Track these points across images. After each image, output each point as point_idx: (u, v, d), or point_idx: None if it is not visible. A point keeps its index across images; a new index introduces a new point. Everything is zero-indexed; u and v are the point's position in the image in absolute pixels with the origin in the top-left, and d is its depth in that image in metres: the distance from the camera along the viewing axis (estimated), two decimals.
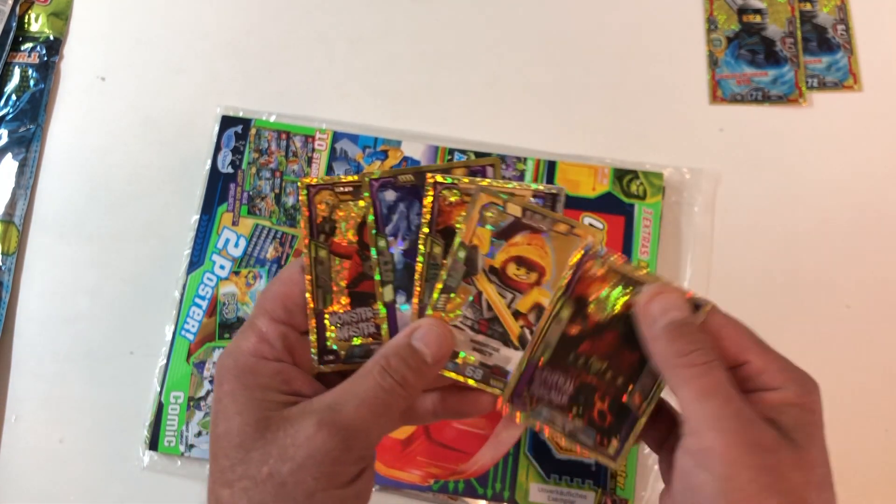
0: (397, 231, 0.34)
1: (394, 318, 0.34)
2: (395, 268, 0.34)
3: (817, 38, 0.58)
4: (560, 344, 0.33)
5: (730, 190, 0.55)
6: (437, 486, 0.49)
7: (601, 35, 0.59)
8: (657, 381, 0.33)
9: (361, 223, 0.35)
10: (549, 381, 0.33)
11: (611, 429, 0.33)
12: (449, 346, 0.33)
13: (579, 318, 0.33)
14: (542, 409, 0.33)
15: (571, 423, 0.33)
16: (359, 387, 0.31)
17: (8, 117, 0.59)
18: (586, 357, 0.33)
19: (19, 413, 0.53)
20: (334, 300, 0.34)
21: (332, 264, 0.34)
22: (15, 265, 0.56)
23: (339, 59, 0.60)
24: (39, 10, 0.61)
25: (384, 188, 0.34)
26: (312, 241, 0.34)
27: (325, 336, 0.34)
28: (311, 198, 0.35)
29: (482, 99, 0.58)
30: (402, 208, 0.34)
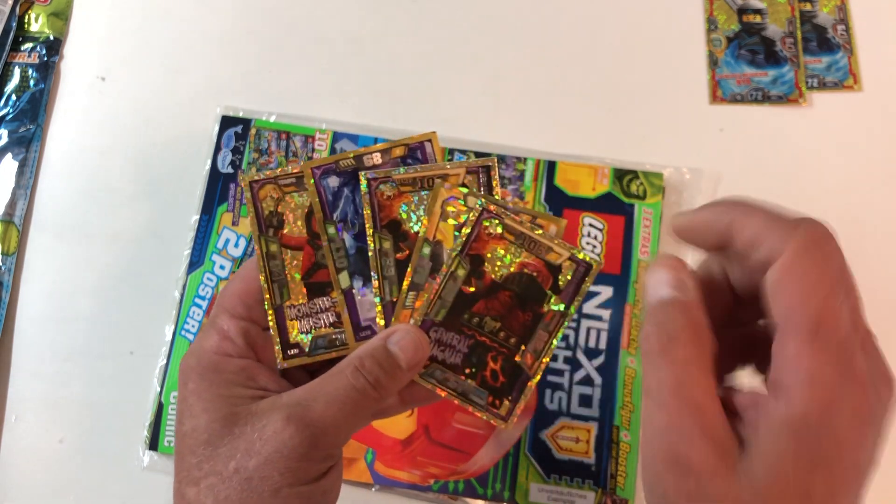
0: (345, 216, 0.34)
1: (353, 304, 0.34)
2: (347, 253, 0.34)
3: (817, 38, 0.58)
4: (455, 303, 0.33)
5: (730, 190, 0.55)
6: (437, 486, 0.49)
7: (601, 35, 0.59)
8: (548, 340, 0.33)
9: (308, 213, 0.34)
10: (444, 340, 0.33)
11: (502, 389, 0.33)
12: (424, 353, 0.32)
13: (475, 277, 0.33)
14: (435, 370, 0.33)
15: (464, 384, 0.33)
16: (330, 385, 0.30)
17: (8, 117, 0.59)
18: (480, 317, 0.33)
19: (19, 413, 0.53)
20: (291, 293, 0.34)
21: (284, 257, 0.34)
22: (15, 265, 0.56)
23: (339, 59, 0.60)
24: (39, 10, 0.61)
25: (326, 175, 0.34)
26: (262, 236, 0.34)
27: (287, 330, 0.34)
28: (255, 193, 0.34)
29: (482, 99, 0.58)
30: (346, 193, 0.34)
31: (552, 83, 0.58)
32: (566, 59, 0.59)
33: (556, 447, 0.50)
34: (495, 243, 0.33)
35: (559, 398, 0.50)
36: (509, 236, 0.33)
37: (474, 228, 0.33)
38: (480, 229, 0.33)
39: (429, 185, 0.34)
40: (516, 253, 0.33)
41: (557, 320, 0.33)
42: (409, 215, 0.34)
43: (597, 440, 0.50)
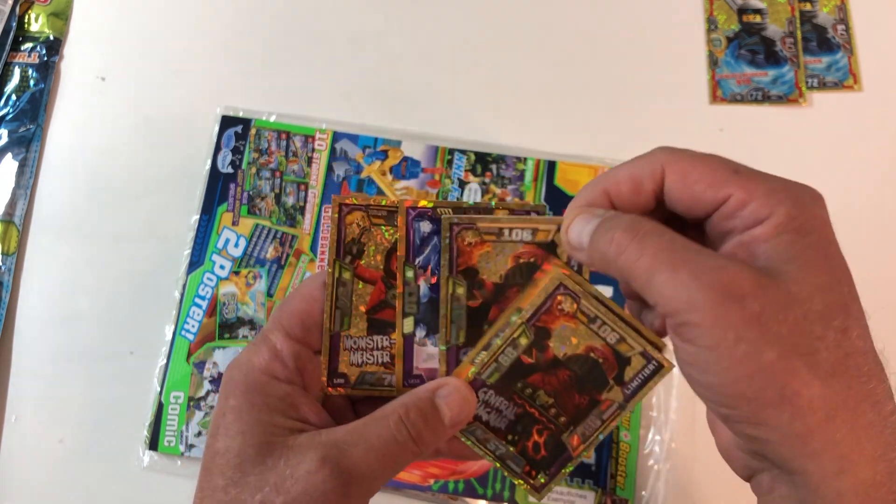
0: (427, 263, 0.34)
1: (410, 351, 0.34)
2: (419, 300, 0.34)
3: (817, 38, 0.58)
4: (511, 369, 0.32)
5: None
6: (437, 486, 0.49)
7: (601, 35, 0.59)
8: (599, 427, 0.32)
9: (391, 249, 0.34)
10: (492, 403, 0.33)
11: (542, 463, 0.33)
12: (470, 412, 0.32)
13: (536, 349, 0.32)
14: (477, 429, 0.33)
15: (504, 448, 0.33)
16: (372, 432, 0.30)
17: (8, 117, 0.59)
18: (534, 388, 0.33)
19: (19, 413, 0.53)
20: (352, 324, 0.33)
21: (354, 287, 0.34)
22: (15, 265, 0.56)
23: (339, 59, 0.60)
24: (39, 10, 0.61)
25: (420, 217, 0.34)
26: (338, 261, 0.33)
27: (338, 359, 0.33)
28: (343, 217, 0.34)
29: (482, 99, 0.58)
30: (435, 241, 0.34)
31: (552, 83, 0.58)
32: (566, 59, 0.59)
33: None
34: (566, 321, 0.32)
35: None
36: (582, 318, 0.32)
37: (546, 300, 0.32)
38: (553, 303, 0.32)
39: (514, 237, 0.33)
40: (586, 335, 0.32)
41: (614, 412, 0.33)
42: (487, 265, 0.33)
43: None
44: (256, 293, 0.53)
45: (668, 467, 0.50)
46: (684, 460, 0.50)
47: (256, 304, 0.53)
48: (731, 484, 0.49)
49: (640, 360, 0.32)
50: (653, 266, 0.25)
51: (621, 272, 0.27)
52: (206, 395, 0.52)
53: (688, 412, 0.51)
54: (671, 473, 0.50)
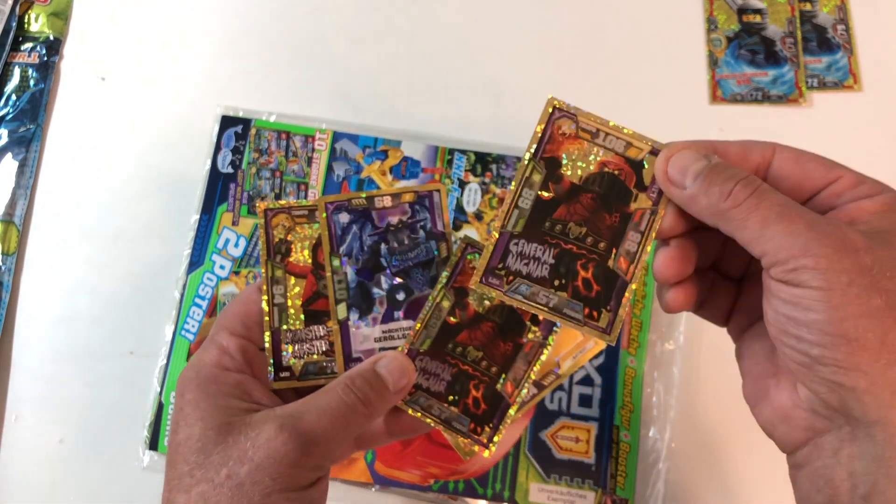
0: (350, 251, 0.36)
1: (347, 336, 0.35)
2: (348, 286, 0.36)
3: (817, 38, 0.58)
4: (440, 333, 0.34)
5: None
6: (437, 486, 0.49)
7: (601, 35, 0.59)
8: (527, 369, 0.34)
9: (316, 244, 0.37)
10: (429, 368, 0.34)
11: (484, 416, 0.34)
12: (410, 377, 0.34)
13: (458, 308, 0.34)
14: (420, 397, 0.34)
15: (447, 411, 0.34)
16: (321, 399, 0.32)
17: (8, 117, 0.59)
18: (463, 346, 0.34)
19: (19, 413, 0.53)
20: (290, 318, 0.36)
21: (287, 283, 0.36)
22: (15, 265, 0.56)
23: (339, 59, 0.60)
24: (39, 10, 0.61)
25: (338, 210, 0.36)
26: (269, 261, 0.36)
27: (281, 353, 0.35)
28: (269, 220, 0.37)
29: (482, 99, 0.58)
30: (354, 230, 0.36)
31: (552, 83, 0.58)
32: (566, 59, 0.59)
33: (556, 447, 0.50)
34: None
35: (559, 398, 0.50)
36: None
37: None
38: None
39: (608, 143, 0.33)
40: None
41: (536, 349, 0.34)
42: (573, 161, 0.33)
43: (597, 440, 0.50)
44: None
45: (668, 467, 0.50)
46: (684, 460, 0.50)
47: None
48: (731, 484, 0.49)
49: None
50: (768, 218, 0.27)
51: (729, 222, 0.28)
52: None
53: (688, 412, 0.51)
54: (671, 473, 0.50)
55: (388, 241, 0.36)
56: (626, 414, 0.50)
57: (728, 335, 0.34)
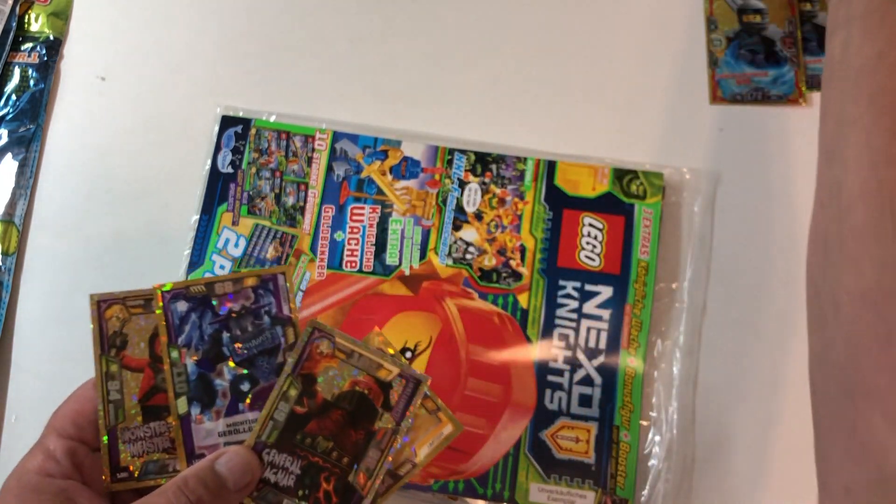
0: (190, 341, 0.35)
1: (189, 431, 0.34)
2: (188, 379, 0.34)
3: (817, 38, 0.58)
4: (287, 423, 0.33)
5: (730, 190, 0.55)
6: (437, 486, 0.49)
7: (601, 35, 0.59)
8: (380, 458, 0.33)
9: (153, 335, 0.35)
10: (277, 462, 0.33)
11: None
12: (253, 474, 0.32)
13: (307, 397, 0.34)
14: (268, 493, 0.33)
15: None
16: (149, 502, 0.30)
17: (8, 117, 0.59)
18: (313, 437, 0.33)
19: (19, 413, 0.53)
20: (127, 416, 0.34)
21: (123, 379, 0.34)
22: (15, 265, 0.56)
23: (339, 59, 0.60)
24: (39, 10, 0.61)
25: (175, 299, 0.35)
26: (103, 356, 0.35)
27: (119, 452, 0.34)
28: (102, 312, 0.35)
29: (482, 99, 0.58)
30: (193, 318, 0.35)
31: (552, 83, 0.58)
32: (566, 59, 0.59)
33: (556, 447, 0.50)
34: (327, 362, 0.34)
35: (559, 398, 0.50)
36: (340, 354, 0.34)
37: (305, 348, 0.34)
38: (312, 348, 0.34)
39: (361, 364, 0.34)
40: (348, 371, 0.34)
41: (388, 437, 0.34)
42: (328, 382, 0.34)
43: (597, 440, 0.50)
44: None
45: (667, 467, 0.50)
46: (684, 460, 0.50)
47: None
48: (731, 484, 0.49)
49: (400, 382, 0.34)
50: None
51: None
52: None
53: (688, 412, 0.51)
54: (671, 473, 0.50)
55: (231, 329, 0.35)
56: (626, 414, 0.50)
57: (729, 334, 0.34)
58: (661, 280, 0.53)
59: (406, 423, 0.34)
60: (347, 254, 0.54)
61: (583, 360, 0.51)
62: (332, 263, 0.54)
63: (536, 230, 0.53)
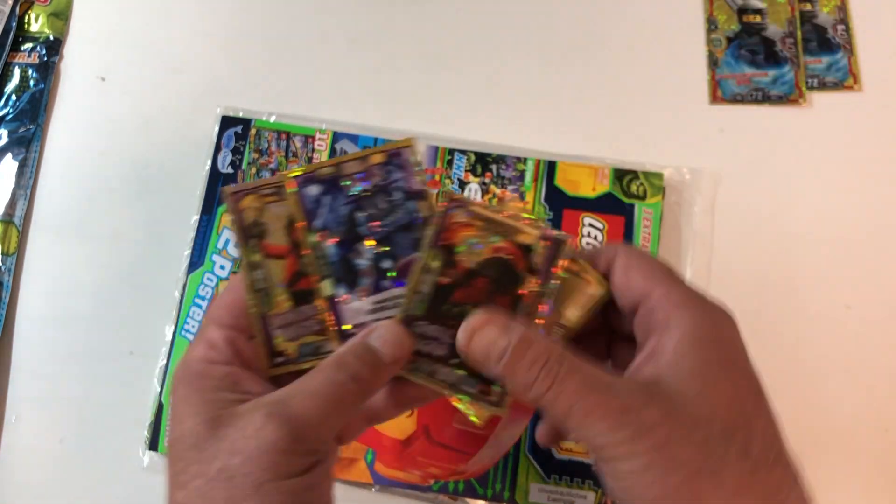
0: (326, 224, 0.34)
1: (337, 311, 0.34)
2: (330, 261, 0.34)
3: (817, 38, 0.58)
4: (433, 295, 0.33)
5: (730, 190, 0.55)
6: (437, 486, 0.49)
7: (601, 35, 0.59)
8: (530, 321, 0.33)
9: (290, 221, 0.35)
10: (428, 333, 0.33)
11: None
12: (408, 348, 0.33)
13: (449, 267, 0.33)
14: (422, 363, 0.33)
15: (453, 374, 0.33)
16: (310, 381, 0.31)
17: (8, 117, 0.59)
18: (460, 306, 0.33)
19: (19, 413, 0.53)
20: (276, 302, 0.34)
21: (268, 266, 0.34)
22: (15, 265, 0.56)
23: (339, 59, 0.60)
24: (39, 10, 0.61)
25: (306, 183, 0.35)
26: (245, 246, 0.34)
27: (273, 338, 0.34)
28: (237, 203, 0.35)
29: (482, 99, 0.58)
30: (326, 201, 0.35)
31: (552, 83, 0.58)
32: (566, 59, 0.59)
33: (556, 447, 0.50)
34: (465, 231, 0.34)
35: None
36: (477, 222, 0.34)
37: (442, 219, 0.34)
38: (448, 219, 0.34)
39: (499, 230, 0.34)
40: (487, 238, 0.33)
41: (535, 300, 0.33)
42: (468, 250, 0.34)
43: None
44: None
45: None
46: None
47: None
48: None
49: (541, 244, 0.33)
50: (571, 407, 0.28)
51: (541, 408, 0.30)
52: None
53: None
54: None
55: (365, 208, 0.35)
56: None
57: None
58: None
59: (551, 283, 0.33)
60: None
61: None
62: None
63: None
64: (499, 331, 0.31)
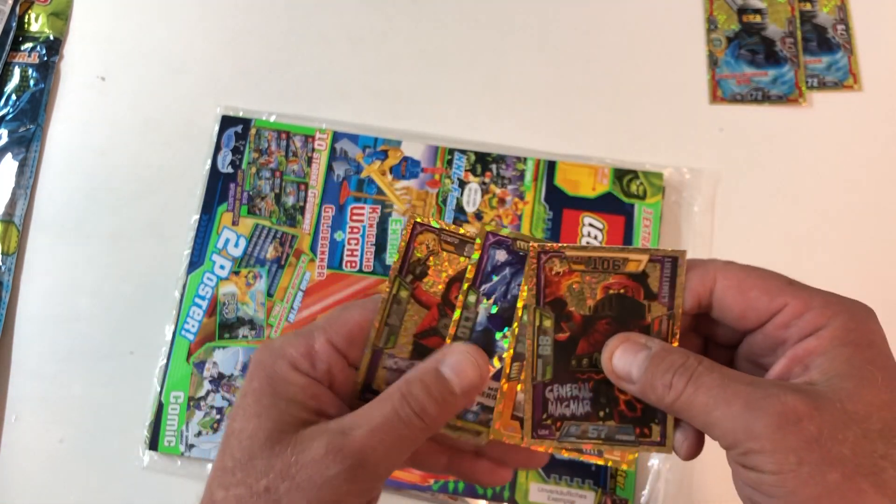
0: (493, 292, 0.32)
1: None
2: (473, 328, 0.32)
3: (817, 38, 0.58)
4: (557, 354, 0.31)
5: (730, 190, 0.55)
6: (437, 486, 0.49)
7: (601, 35, 0.59)
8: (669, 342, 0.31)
9: (454, 278, 0.33)
10: (563, 395, 0.31)
11: (645, 416, 0.31)
12: (483, 377, 0.30)
13: (564, 321, 0.31)
14: (569, 426, 0.31)
15: (604, 428, 0.31)
16: (375, 412, 0.29)
17: (8, 117, 0.59)
18: (589, 356, 0.31)
19: (19, 413, 0.53)
20: (397, 344, 0.32)
21: (408, 308, 0.32)
22: (15, 265, 0.56)
23: (339, 59, 0.60)
24: (39, 10, 0.61)
25: (497, 245, 0.32)
26: (398, 279, 0.32)
27: (375, 374, 0.32)
28: (414, 235, 0.33)
29: (482, 99, 0.58)
30: (506, 273, 0.32)
31: (552, 83, 0.58)
32: (566, 59, 0.59)
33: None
34: (568, 279, 0.31)
35: None
36: (578, 266, 0.31)
37: (539, 274, 0.31)
38: (546, 272, 0.32)
39: (604, 267, 0.32)
40: (594, 279, 0.31)
41: (667, 324, 0.31)
42: (578, 297, 0.32)
43: None
44: (256, 293, 0.53)
45: (668, 467, 0.50)
46: None
47: (256, 304, 0.53)
48: (731, 484, 0.49)
49: (654, 267, 0.31)
50: (708, 404, 0.27)
51: (679, 413, 0.28)
52: (206, 395, 0.52)
53: None
54: (671, 473, 0.50)
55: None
56: None
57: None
58: None
59: (679, 301, 0.31)
60: (347, 254, 0.54)
61: None
62: (332, 263, 0.54)
63: (536, 230, 0.53)
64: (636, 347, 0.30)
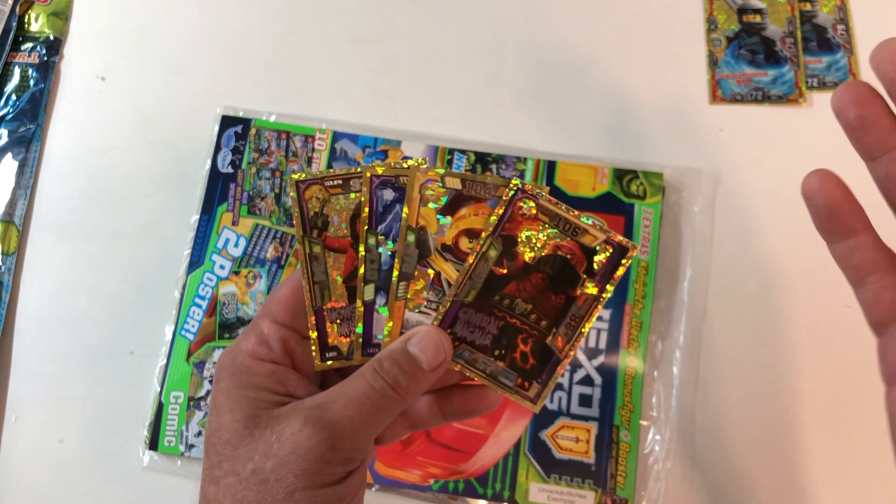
0: (389, 231, 0.34)
1: (370, 319, 0.34)
2: (380, 268, 0.34)
3: (817, 38, 0.58)
4: (486, 284, 0.33)
5: (730, 190, 0.55)
6: (437, 486, 0.49)
7: (601, 35, 0.59)
8: (580, 325, 0.32)
9: (354, 215, 0.34)
10: (473, 321, 0.33)
11: (532, 371, 0.33)
12: (446, 355, 0.32)
13: (507, 259, 0.33)
14: (464, 351, 0.33)
15: (493, 365, 0.33)
16: (349, 386, 0.31)
17: (8, 117, 0.59)
18: (511, 298, 0.33)
19: (19, 413, 0.53)
20: (333, 295, 0.34)
21: (326, 259, 0.34)
22: (15, 265, 0.56)
23: (339, 59, 0.60)
24: (39, 10, 0.61)
25: (383, 186, 0.34)
26: (306, 237, 0.34)
27: (326, 332, 0.34)
28: (301, 193, 0.34)
29: (482, 99, 0.58)
30: (397, 209, 0.34)
31: (552, 83, 0.58)
32: (566, 59, 0.59)
33: (556, 447, 0.50)
34: (529, 224, 0.33)
35: (559, 398, 0.50)
36: (543, 217, 0.33)
37: (507, 208, 0.33)
38: (514, 210, 0.33)
39: (564, 228, 0.33)
40: (550, 235, 0.33)
41: (591, 304, 0.33)
42: (529, 244, 0.33)
43: (597, 440, 0.50)
44: (256, 293, 0.53)
45: (668, 467, 0.50)
46: (684, 460, 0.50)
47: (256, 303, 0.53)
48: (731, 484, 0.49)
49: (605, 249, 0.33)
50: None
51: None
52: (206, 395, 0.52)
53: (688, 412, 0.51)
54: (671, 473, 0.50)
55: None
56: (626, 414, 0.50)
57: (729, 334, 0.34)
58: (661, 280, 0.53)
59: (609, 290, 0.32)
60: None
61: (583, 359, 0.51)
62: None
63: None
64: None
